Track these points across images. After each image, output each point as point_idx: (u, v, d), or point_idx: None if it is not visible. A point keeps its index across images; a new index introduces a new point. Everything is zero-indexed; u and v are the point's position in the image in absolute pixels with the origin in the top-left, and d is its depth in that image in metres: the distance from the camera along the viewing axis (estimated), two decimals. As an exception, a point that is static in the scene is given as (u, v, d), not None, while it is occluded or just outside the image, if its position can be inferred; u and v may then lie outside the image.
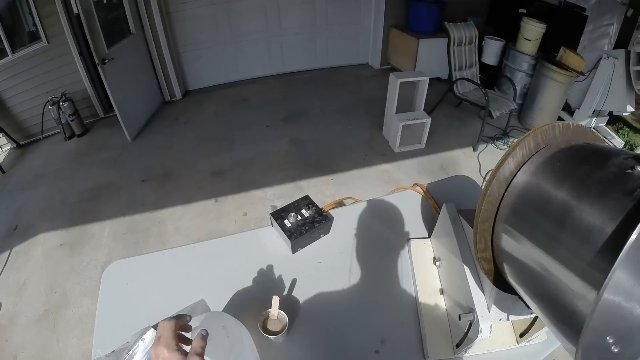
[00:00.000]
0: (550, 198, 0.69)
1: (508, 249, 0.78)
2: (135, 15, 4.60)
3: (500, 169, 0.79)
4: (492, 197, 0.80)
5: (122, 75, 4.30)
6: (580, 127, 0.81)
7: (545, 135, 0.79)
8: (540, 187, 0.73)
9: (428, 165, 4.01)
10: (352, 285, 1.30)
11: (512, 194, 0.78)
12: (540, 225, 0.69)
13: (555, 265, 0.62)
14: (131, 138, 4.50)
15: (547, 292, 0.66)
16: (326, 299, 1.26)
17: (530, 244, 0.70)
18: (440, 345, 1.14)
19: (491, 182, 0.79)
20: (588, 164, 0.68)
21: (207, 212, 3.44)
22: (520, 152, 0.78)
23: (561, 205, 0.65)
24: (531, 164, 0.77)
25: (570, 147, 0.75)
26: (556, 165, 0.73)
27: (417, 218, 1.56)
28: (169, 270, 1.35)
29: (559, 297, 0.62)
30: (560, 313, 0.63)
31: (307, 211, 1.46)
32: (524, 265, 0.72)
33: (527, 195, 0.75)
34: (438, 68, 5.33)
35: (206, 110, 5.14)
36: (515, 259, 0.76)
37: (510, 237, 0.76)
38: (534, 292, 0.72)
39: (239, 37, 5.52)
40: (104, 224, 3.36)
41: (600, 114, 4.63)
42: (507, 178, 0.79)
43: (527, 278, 0.74)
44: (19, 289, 2.87)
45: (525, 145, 0.78)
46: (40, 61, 4.39)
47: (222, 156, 4.16)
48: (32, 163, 4.34)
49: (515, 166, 0.78)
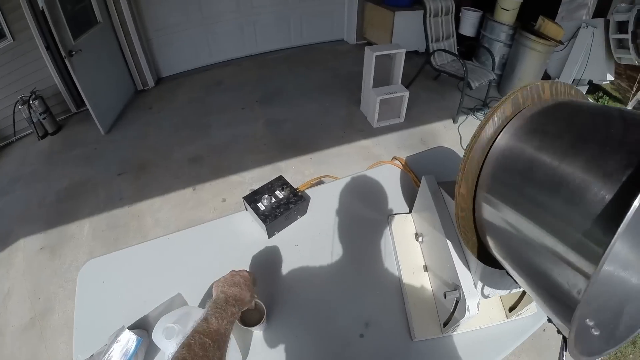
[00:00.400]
0: (534, 161, 0.63)
1: (491, 220, 0.73)
2: (101, 2, 4.43)
3: (481, 133, 0.73)
4: (471, 164, 0.75)
5: (91, 67, 4.15)
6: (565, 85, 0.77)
7: (526, 95, 0.73)
8: (523, 150, 0.68)
9: (408, 139, 3.97)
10: (332, 267, 1.26)
11: (492, 159, 0.73)
12: (523, 192, 0.64)
13: (543, 235, 0.57)
14: (105, 131, 4.37)
15: (534, 265, 0.62)
16: (306, 283, 1.22)
17: (513, 213, 0.65)
18: (427, 325, 1.11)
19: (471, 148, 0.74)
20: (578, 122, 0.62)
21: (185, 201, 3.37)
22: (501, 115, 0.73)
23: (548, 169, 0.60)
24: (511, 126, 0.72)
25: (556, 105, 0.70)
26: (540, 125, 0.68)
27: (397, 193, 1.52)
28: (144, 265, 1.30)
29: (548, 270, 0.57)
30: (550, 288, 0.58)
31: (282, 192, 1.41)
32: (508, 236, 0.68)
33: (508, 159, 0.70)
34: (415, 41, 5.28)
35: (180, 96, 5.02)
36: (499, 230, 0.71)
37: (492, 207, 0.72)
38: (520, 266, 0.68)
39: (209, 19, 5.37)
40: (83, 223, 3.27)
41: (580, 83, 4.63)
42: (487, 143, 0.74)
43: (512, 251, 0.69)
44: (4, 299, 2.78)
45: (506, 107, 0.73)
46: (6, 60, 4.21)
47: (198, 143, 4.08)
48: (7, 167, 4.19)
49: (494, 130, 0.73)
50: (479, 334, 1.12)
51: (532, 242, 0.59)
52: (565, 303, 0.51)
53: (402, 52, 3.83)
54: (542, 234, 0.57)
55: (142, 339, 0.98)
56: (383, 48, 3.85)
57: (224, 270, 1.22)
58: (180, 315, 0.96)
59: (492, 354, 1.08)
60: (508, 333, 1.13)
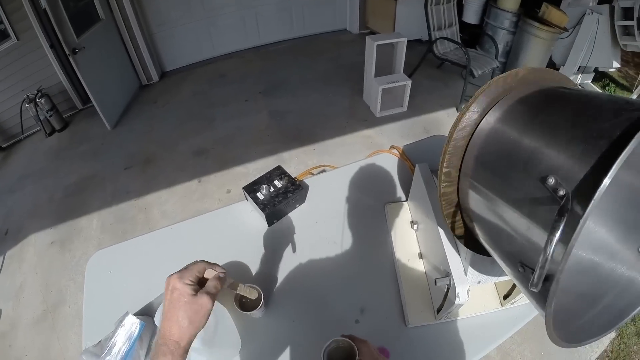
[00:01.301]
0: (514, 145, 0.65)
1: (473, 207, 0.75)
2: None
3: (463, 118, 0.75)
4: (455, 150, 0.77)
5: (96, 64, 4.19)
6: (549, 71, 0.77)
7: (508, 81, 0.75)
8: (504, 135, 0.69)
9: (411, 128, 3.98)
10: (329, 254, 1.29)
11: (476, 144, 0.75)
12: (503, 176, 0.66)
13: (518, 219, 0.59)
14: (111, 127, 4.42)
15: (512, 249, 0.64)
16: (304, 270, 1.25)
17: (494, 197, 0.67)
18: (421, 312, 1.13)
19: (452, 133, 0.76)
20: (558, 108, 0.64)
21: (191, 193, 3.42)
22: (484, 100, 0.75)
23: (525, 152, 0.61)
24: (494, 112, 0.73)
25: (539, 91, 0.71)
26: (521, 110, 0.70)
27: (394, 181, 1.54)
28: (149, 255, 1.35)
29: (525, 254, 0.59)
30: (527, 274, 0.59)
31: (280, 182, 1.44)
32: (490, 222, 0.70)
33: (491, 144, 0.72)
34: (418, 29, 5.24)
35: (184, 90, 5.05)
36: (481, 216, 0.73)
37: (475, 193, 0.74)
38: (500, 251, 0.70)
39: (211, 12, 5.37)
40: (92, 217, 3.34)
41: (586, 70, 4.58)
42: (471, 128, 0.76)
43: (493, 236, 0.71)
44: (16, 293, 2.86)
45: (488, 93, 0.74)
46: (12, 59, 4.26)
47: (203, 135, 4.11)
48: (16, 164, 4.26)
49: (478, 115, 0.75)
50: (474, 321, 1.13)
51: (508, 226, 0.62)
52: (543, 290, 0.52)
53: (404, 40, 3.82)
54: (516, 216, 0.59)
55: (144, 323, 1.03)
56: (384, 37, 3.84)
57: (225, 257, 1.27)
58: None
59: (487, 342, 1.10)
60: (503, 321, 1.14)
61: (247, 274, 1.24)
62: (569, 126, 0.55)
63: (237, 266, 1.27)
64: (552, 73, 0.77)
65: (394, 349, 1.07)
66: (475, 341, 1.09)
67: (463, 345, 1.08)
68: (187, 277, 0.71)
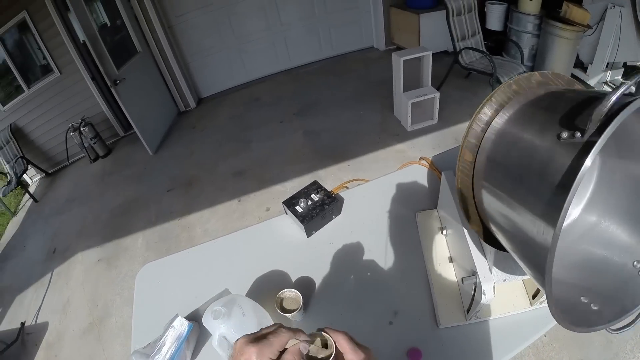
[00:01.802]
0: (517, 145, 0.70)
1: (487, 207, 0.79)
2: (139, 33, 4.71)
3: (475, 121, 0.81)
4: (467, 154, 0.83)
5: (136, 93, 4.41)
6: (560, 75, 0.81)
7: (520, 85, 0.79)
8: (509, 136, 0.74)
9: (442, 139, 4.00)
10: (364, 261, 1.36)
11: (485, 147, 0.79)
12: (510, 175, 0.71)
13: (524, 212, 0.63)
14: (152, 152, 4.63)
15: (524, 245, 0.67)
16: (340, 276, 1.32)
17: (503, 196, 0.72)
18: (451, 312, 1.16)
19: (464, 140, 0.82)
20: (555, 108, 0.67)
21: (231, 212, 3.54)
22: (492, 106, 0.80)
23: (524, 151, 0.66)
24: (501, 117, 0.78)
25: (548, 94, 0.75)
26: (525, 112, 0.74)
27: (424, 191, 1.60)
28: (195, 266, 1.46)
29: (535, 252, 0.60)
30: (537, 266, 0.62)
31: (317, 195, 1.52)
32: (502, 221, 0.74)
33: (498, 145, 0.76)
34: (442, 41, 5.27)
35: (221, 114, 5.24)
36: (494, 216, 0.77)
37: (488, 193, 0.78)
38: (516, 248, 0.73)
39: (242, 39, 5.59)
40: (137, 236, 3.51)
41: (614, 66, 4.46)
42: (481, 132, 0.81)
43: (506, 233, 0.74)
44: (64, 307, 3.03)
45: (495, 99, 0.79)
46: (55, 91, 4.56)
47: (241, 156, 4.25)
48: (62, 189, 4.52)
49: (488, 119, 0.80)
50: (504, 321, 1.14)
51: (516, 221, 0.66)
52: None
53: (429, 54, 3.88)
54: (522, 212, 0.63)
55: (192, 325, 1.12)
56: (410, 52, 3.90)
57: (266, 267, 1.36)
58: (227, 301, 1.09)
59: (517, 341, 1.10)
60: (533, 320, 1.13)
61: (287, 280, 1.32)
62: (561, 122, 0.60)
63: (278, 274, 1.35)
64: (558, 76, 0.81)
65: (426, 348, 1.10)
66: (505, 341, 1.11)
67: (494, 345, 1.10)
68: (268, 354, 0.57)
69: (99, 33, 3.90)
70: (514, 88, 0.80)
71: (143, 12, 4.65)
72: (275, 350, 0.57)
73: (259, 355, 0.55)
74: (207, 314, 1.08)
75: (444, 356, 1.10)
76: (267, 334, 0.59)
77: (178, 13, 5.03)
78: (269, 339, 0.58)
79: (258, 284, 1.33)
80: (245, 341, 0.58)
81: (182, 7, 5.02)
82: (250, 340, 0.58)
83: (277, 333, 0.59)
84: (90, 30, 3.80)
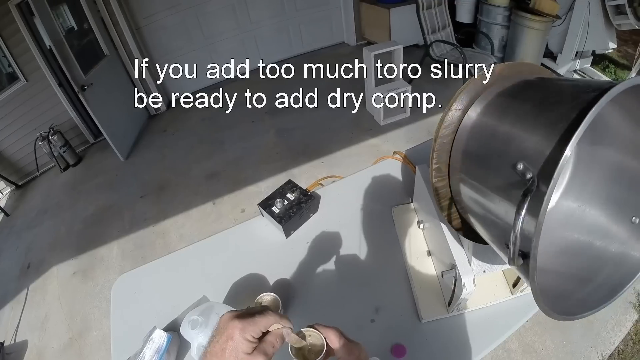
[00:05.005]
0: (491, 137, 0.70)
1: (464, 198, 0.79)
2: (106, 36, 4.59)
3: (447, 116, 0.80)
4: (442, 147, 0.82)
5: (104, 99, 4.32)
6: (525, 64, 0.82)
7: (486, 77, 0.79)
8: (483, 128, 0.74)
9: (416, 132, 4.03)
10: (343, 259, 1.34)
11: (460, 139, 0.79)
12: (484, 166, 0.71)
13: (499, 204, 0.63)
14: (124, 158, 4.54)
15: (499, 234, 0.68)
16: (318, 276, 1.31)
17: (478, 187, 0.72)
18: (433, 306, 1.16)
19: (438, 131, 0.81)
20: (528, 98, 0.68)
21: (206, 215, 3.51)
22: (465, 97, 0.79)
23: (499, 142, 0.66)
24: (474, 108, 0.78)
25: (515, 84, 0.75)
26: (498, 103, 0.74)
27: (399, 185, 1.59)
28: (170, 274, 1.42)
29: (507, 237, 0.59)
30: None
31: (292, 194, 1.50)
32: (478, 210, 0.74)
33: (472, 138, 0.76)
34: (413, 35, 5.26)
35: (192, 117, 5.17)
36: (470, 206, 0.77)
37: (463, 184, 0.78)
38: (491, 237, 0.73)
39: (212, 39, 5.52)
40: (111, 245, 3.43)
41: (584, 55, 4.59)
42: (455, 125, 0.80)
43: (484, 224, 0.75)
44: (42, 323, 2.95)
45: (468, 90, 0.79)
46: (22, 100, 4.41)
47: (214, 159, 4.21)
48: (33, 200, 4.39)
49: (461, 112, 0.80)
50: (486, 311, 1.15)
51: (493, 212, 0.66)
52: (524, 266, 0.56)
53: (400, 48, 3.90)
54: (497, 202, 0.64)
55: (172, 336, 1.09)
56: (381, 46, 3.91)
57: (244, 270, 1.33)
58: (203, 309, 1.08)
59: (500, 330, 1.11)
60: (515, 309, 1.15)
61: (265, 284, 1.30)
62: (535, 113, 0.61)
63: (256, 278, 1.32)
64: (528, 66, 0.82)
65: (410, 344, 1.10)
66: (489, 331, 1.11)
67: (477, 336, 1.10)
68: (251, 331, 0.58)
69: (65, 38, 3.81)
70: (484, 81, 0.79)
71: (110, 15, 4.54)
72: (259, 330, 0.59)
73: (242, 332, 0.57)
74: (184, 324, 1.06)
75: (428, 350, 1.10)
76: (254, 313, 0.61)
77: (146, 14, 4.93)
78: (255, 318, 0.60)
79: (235, 289, 1.30)
80: (231, 316, 0.59)
81: (149, 8, 4.92)
82: (236, 315, 0.59)
83: (265, 314, 0.61)
84: (56, 35, 3.70)
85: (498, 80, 0.79)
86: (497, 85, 0.78)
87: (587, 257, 0.75)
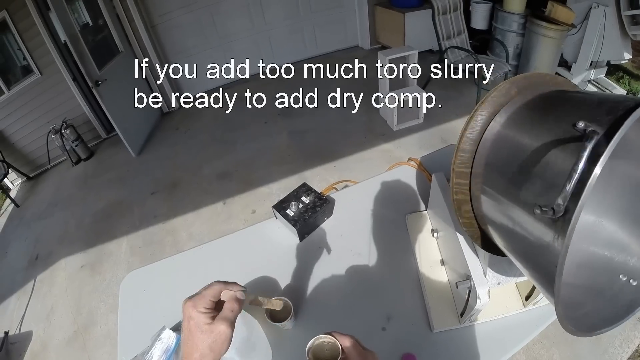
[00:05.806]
0: (518, 150, 0.68)
1: (485, 210, 0.78)
2: (121, 33, 4.61)
3: (469, 127, 0.79)
4: (464, 158, 0.80)
5: (118, 94, 4.33)
6: (550, 75, 0.80)
7: (510, 89, 0.78)
8: (508, 140, 0.73)
9: (429, 139, 4.00)
10: (356, 265, 1.34)
11: (483, 151, 0.78)
12: (510, 179, 0.69)
13: (525, 217, 0.62)
14: (135, 154, 4.56)
15: (527, 249, 0.66)
16: (331, 282, 1.30)
17: (503, 200, 0.70)
18: (445, 316, 1.15)
19: (460, 142, 0.79)
20: (556, 111, 0.67)
21: (216, 215, 3.50)
22: (488, 108, 0.78)
23: (528, 154, 0.64)
24: (498, 119, 0.77)
25: (540, 96, 0.74)
26: (524, 116, 0.73)
27: (413, 192, 1.59)
28: (180, 273, 1.42)
29: (537, 252, 0.61)
30: (542, 273, 0.62)
31: (307, 198, 1.50)
32: (502, 224, 0.73)
33: (497, 150, 0.75)
34: (428, 40, 5.27)
35: (204, 115, 5.17)
36: (493, 218, 0.76)
37: (486, 196, 0.77)
38: (516, 251, 0.72)
39: (226, 38, 5.52)
40: (120, 241, 3.44)
41: (598, 65, 4.53)
42: (477, 136, 0.79)
43: (507, 237, 0.74)
44: (48, 315, 2.96)
45: (491, 101, 0.78)
46: (36, 93, 4.44)
47: (225, 158, 4.20)
48: (44, 193, 4.42)
49: (484, 123, 0.78)
50: (498, 323, 1.14)
51: (520, 226, 0.65)
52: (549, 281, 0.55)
53: (415, 53, 3.87)
54: (524, 216, 0.62)
55: (180, 336, 1.09)
56: (395, 51, 3.89)
57: (255, 274, 1.32)
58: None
59: (511, 343, 1.10)
60: (526, 322, 1.14)
61: (277, 288, 1.29)
62: (564, 126, 0.59)
63: (267, 281, 1.32)
64: (553, 77, 0.80)
65: (420, 354, 1.09)
66: (500, 343, 1.11)
67: (488, 348, 1.10)
68: (201, 304, 0.66)
69: (80, 33, 3.82)
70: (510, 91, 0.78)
71: (125, 11, 4.56)
72: (208, 300, 0.66)
73: (194, 307, 0.65)
74: None
75: (439, 360, 1.09)
76: (201, 290, 0.69)
77: (161, 12, 4.94)
78: (201, 292, 0.68)
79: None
80: (185, 300, 0.67)
81: (165, 6, 4.93)
82: (187, 298, 0.67)
83: (209, 286, 0.69)
84: (71, 30, 3.71)
85: (521, 90, 0.78)
86: (521, 96, 0.77)
87: (605, 270, 0.74)
